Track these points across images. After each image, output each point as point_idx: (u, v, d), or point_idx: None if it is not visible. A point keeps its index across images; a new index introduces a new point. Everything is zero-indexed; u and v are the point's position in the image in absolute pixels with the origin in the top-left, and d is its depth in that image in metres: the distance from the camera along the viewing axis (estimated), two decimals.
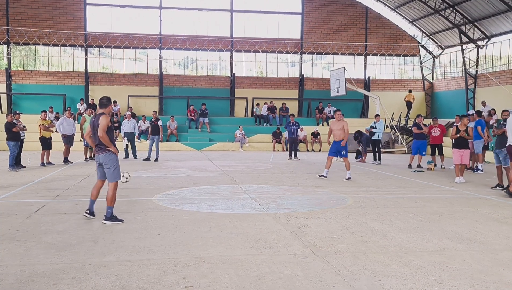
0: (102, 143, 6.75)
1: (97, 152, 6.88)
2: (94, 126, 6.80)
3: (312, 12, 28.32)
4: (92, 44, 26.31)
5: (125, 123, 17.51)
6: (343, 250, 5.40)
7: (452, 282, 4.39)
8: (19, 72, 26.40)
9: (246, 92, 27.73)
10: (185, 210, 7.72)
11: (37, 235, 5.92)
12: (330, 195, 9.52)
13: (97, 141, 6.80)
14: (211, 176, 12.54)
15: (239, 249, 5.43)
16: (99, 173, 6.99)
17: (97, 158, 6.89)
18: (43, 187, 10.09)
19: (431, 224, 6.79)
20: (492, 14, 23.58)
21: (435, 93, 30.00)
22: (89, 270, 4.59)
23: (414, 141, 15.77)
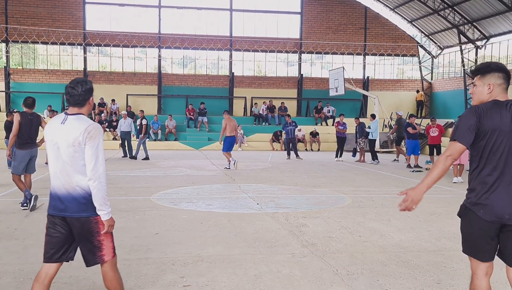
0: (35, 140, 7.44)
1: (31, 147, 7.57)
2: (32, 124, 7.64)
3: (311, 12, 28.32)
4: (91, 42, 26.28)
5: (122, 122, 17.51)
6: (341, 250, 5.40)
7: (450, 282, 4.40)
8: (18, 71, 26.36)
9: (245, 91, 27.72)
10: (183, 209, 7.72)
11: (35, 233, 5.91)
12: (329, 194, 9.52)
13: (32, 137, 7.51)
14: (210, 175, 12.54)
15: (237, 248, 5.43)
16: (28, 167, 7.70)
17: (30, 152, 7.61)
18: (41, 185, 10.07)
19: (429, 224, 6.80)
20: (491, 15, 23.61)
21: (433, 93, 30.03)
22: (87, 269, 4.55)
23: (409, 141, 15.75)
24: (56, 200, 3.08)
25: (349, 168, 15.03)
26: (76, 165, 3.03)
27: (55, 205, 3.09)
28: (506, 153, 2.94)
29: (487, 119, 2.94)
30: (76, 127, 3.02)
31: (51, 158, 3.11)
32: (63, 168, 3.04)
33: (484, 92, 3.04)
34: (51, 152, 3.09)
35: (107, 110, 25.11)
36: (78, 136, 2.99)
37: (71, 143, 3.00)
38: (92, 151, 3.00)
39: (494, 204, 2.93)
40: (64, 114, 3.11)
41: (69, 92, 3.09)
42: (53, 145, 3.07)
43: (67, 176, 3.04)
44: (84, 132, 3.00)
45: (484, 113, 2.94)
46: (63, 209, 3.05)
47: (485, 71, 3.05)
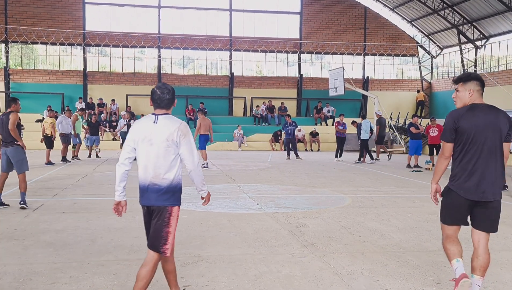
0: (11, 138, 7.47)
1: (5, 146, 7.57)
2: (3, 122, 7.53)
3: (311, 12, 28.33)
4: (90, 43, 26.29)
5: (121, 122, 17.52)
6: (341, 250, 5.40)
7: (450, 282, 4.39)
8: (17, 71, 26.36)
9: (245, 91, 27.73)
10: (183, 209, 7.68)
11: (35, 234, 5.91)
12: (329, 194, 9.52)
13: (5, 136, 7.53)
14: (210, 175, 12.53)
15: (237, 248, 5.43)
16: (4, 166, 7.66)
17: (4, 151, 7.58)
18: (41, 186, 10.07)
19: (429, 224, 6.80)
20: (491, 15, 23.63)
21: (433, 93, 30.04)
22: (87, 269, 4.59)
23: (412, 141, 15.79)
24: (144, 191, 3.47)
25: (349, 168, 15.04)
26: (167, 159, 3.42)
27: (142, 195, 3.50)
28: (481, 145, 3.72)
29: (463, 121, 3.73)
30: (169, 125, 3.41)
31: (142, 153, 3.45)
32: (154, 162, 3.40)
33: (466, 96, 3.82)
34: (143, 147, 3.43)
35: (107, 110, 25.10)
36: (172, 133, 3.39)
37: (165, 138, 3.38)
38: (188, 146, 3.44)
39: (471, 186, 3.74)
40: (153, 115, 3.47)
41: (160, 97, 3.46)
42: (146, 141, 3.41)
43: (158, 169, 3.41)
44: (177, 130, 3.40)
45: (459, 117, 3.75)
46: (148, 198, 3.45)
47: (467, 80, 3.82)
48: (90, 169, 13.62)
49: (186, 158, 3.48)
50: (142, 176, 3.48)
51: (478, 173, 3.73)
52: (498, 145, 3.76)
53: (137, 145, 3.47)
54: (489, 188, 3.74)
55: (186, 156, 3.47)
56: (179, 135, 3.41)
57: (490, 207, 3.81)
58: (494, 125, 3.73)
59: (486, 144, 3.72)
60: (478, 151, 3.73)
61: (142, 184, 3.49)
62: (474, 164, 3.75)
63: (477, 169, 3.74)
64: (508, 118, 3.82)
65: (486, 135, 3.72)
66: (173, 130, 3.40)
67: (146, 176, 3.46)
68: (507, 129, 3.79)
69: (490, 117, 3.74)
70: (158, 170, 3.42)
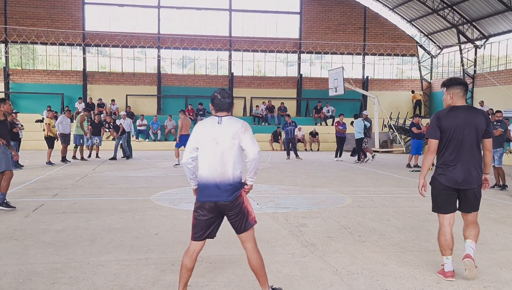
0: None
1: None
2: None
3: (310, 12, 28.33)
4: (90, 43, 26.28)
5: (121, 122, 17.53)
6: (341, 250, 5.40)
7: (450, 281, 4.40)
8: (17, 71, 26.35)
9: (245, 91, 27.72)
10: (183, 209, 7.71)
11: (35, 234, 5.91)
12: (329, 194, 9.52)
13: None
14: None
15: (237, 248, 5.41)
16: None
17: None
18: (41, 186, 10.07)
19: (429, 224, 6.80)
20: (490, 14, 23.63)
21: (433, 93, 30.05)
22: (87, 270, 4.59)
23: (414, 140, 15.79)
24: (210, 188, 3.65)
25: (349, 168, 15.04)
26: (233, 155, 3.68)
27: (208, 192, 3.66)
28: (460, 141, 4.35)
29: (445, 120, 4.38)
30: (234, 125, 3.71)
31: (207, 152, 3.67)
32: (221, 159, 3.65)
33: (447, 99, 4.47)
34: (208, 146, 3.67)
35: (107, 110, 25.08)
36: (238, 130, 3.68)
37: (231, 137, 3.66)
38: (249, 137, 3.73)
39: (452, 175, 4.38)
40: (217, 117, 3.73)
41: (221, 101, 3.74)
42: (211, 140, 3.66)
43: (225, 165, 3.65)
44: (241, 127, 3.71)
45: (442, 117, 4.40)
46: (217, 195, 3.64)
47: (448, 85, 4.47)
48: (90, 169, 13.62)
49: (249, 147, 3.71)
50: (208, 174, 3.67)
51: (457, 165, 4.36)
52: (475, 141, 4.38)
53: (200, 145, 3.70)
54: (468, 178, 4.36)
55: (248, 146, 3.70)
56: (242, 131, 3.69)
57: (470, 194, 4.43)
58: (471, 124, 4.34)
59: (464, 140, 4.33)
60: (457, 146, 4.35)
61: (208, 182, 3.67)
62: (454, 158, 4.37)
63: (457, 162, 4.36)
64: (485, 117, 4.43)
65: (464, 133, 4.33)
66: (237, 129, 3.68)
67: (213, 174, 3.65)
68: (484, 126, 4.37)
69: (469, 117, 4.35)
70: (226, 167, 3.65)
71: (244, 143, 3.71)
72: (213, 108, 3.79)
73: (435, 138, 4.42)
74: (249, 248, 3.83)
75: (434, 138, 4.42)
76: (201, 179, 3.71)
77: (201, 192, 3.71)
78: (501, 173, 10.65)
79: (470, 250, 4.45)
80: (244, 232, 3.80)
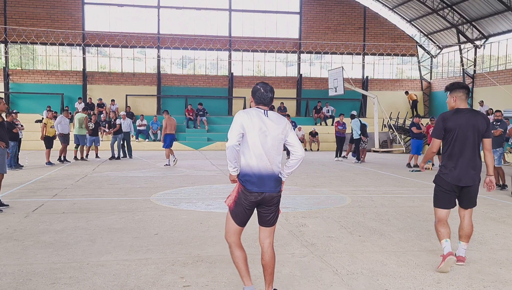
0: None
1: None
2: None
3: (310, 12, 28.33)
4: (90, 43, 26.27)
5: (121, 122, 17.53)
6: (341, 250, 5.40)
7: (450, 281, 4.40)
8: (17, 71, 26.35)
9: (244, 91, 27.69)
10: (183, 209, 7.71)
11: (34, 234, 5.91)
12: (329, 194, 9.52)
13: None
14: (209, 175, 12.54)
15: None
16: None
17: None
18: (40, 186, 10.07)
19: (429, 224, 6.80)
20: (490, 14, 23.64)
21: (433, 92, 30.06)
22: (87, 270, 4.59)
23: (414, 140, 15.78)
24: (259, 178, 3.68)
25: (348, 168, 15.04)
26: (279, 150, 3.77)
27: (256, 182, 3.68)
28: (463, 141, 4.68)
29: (449, 122, 4.73)
30: (280, 120, 3.79)
31: (257, 143, 3.67)
32: (268, 152, 3.69)
33: (451, 102, 4.88)
34: (257, 137, 3.67)
35: (106, 110, 25.09)
36: (285, 127, 3.77)
37: (280, 132, 3.74)
38: (295, 136, 3.85)
39: (456, 173, 4.69)
40: (260, 109, 3.75)
41: (264, 95, 3.76)
42: (260, 132, 3.67)
43: (271, 158, 3.71)
44: (288, 124, 3.82)
45: (447, 118, 4.76)
46: (263, 185, 3.68)
47: (452, 89, 4.91)
48: (90, 169, 13.62)
49: (297, 145, 3.80)
50: (256, 164, 3.67)
51: (461, 164, 4.68)
52: (477, 141, 4.71)
53: (247, 134, 3.67)
54: (470, 176, 4.70)
55: (296, 144, 3.80)
56: (288, 128, 3.79)
57: (471, 190, 4.78)
58: (473, 125, 4.68)
59: (467, 141, 4.67)
60: (461, 146, 4.68)
61: (257, 173, 3.68)
62: (458, 157, 4.69)
63: (460, 160, 4.68)
64: (485, 119, 4.79)
65: (468, 134, 4.67)
66: (284, 125, 3.76)
67: (262, 165, 3.68)
68: (485, 127, 4.72)
69: (471, 119, 4.70)
70: (274, 159, 3.72)
71: (292, 140, 3.80)
72: (253, 100, 3.82)
73: (439, 138, 4.78)
74: (268, 244, 3.84)
75: (438, 138, 4.78)
76: (250, 168, 3.68)
77: (248, 181, 3.69)
78: (501, 173, 10.66)
79: (463, 251, 4.87)
80: (273, 225, 3.87)
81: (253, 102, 3.82)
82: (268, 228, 3.85)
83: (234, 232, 3.79)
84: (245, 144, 3.69)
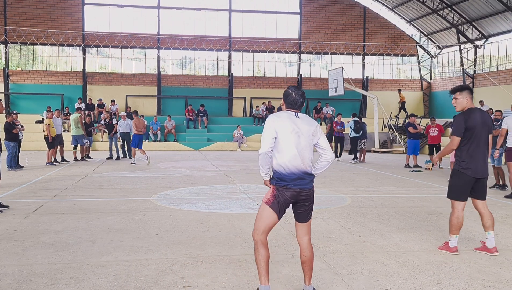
0: None
1: None
2: None
3: (310, 12, 28.34)
4: (90, 43, 26.28)
5: (121, 123, 17.54)
6: (341, 250, 5.40)
7: (450, 281, 4.40)
8: (17, 72, 26.35)
9: (244, 91, 27.74)
10: (183, 210, 7.72)
11: (35, 235, 5.91)
12: (329, 194, 9.52)
13: None
14: (209, 176, 12.54)
15: (237, 249, 5.43)
16: None
17: None
18: (40, 187, 10.07)
19: (429, 224, 6.80)
20: (490, 14, 23.63)
21: (433, 93, 30.05)
22: (87, 270, 4.59)
23: (410, 140, 15.74)
24: (292, 177, 3.81)
25: (348, 168, 15.04)
26: (310, 150, 3.92)
27: (294, 181, 3.82)
28: (479, 138, 5.18)
29: (469, 121, 5.14)
30: (311, 123, 3.95)
31: (290, 143, 3.82)
32: (301, 152, 3.83)
33: (464, 102, 5.26)
34: (291, 138, 3.82)
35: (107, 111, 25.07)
36: (316, 129, 3.94)
37: (312, 133, 3.90)
38: (325, 139, 4.01)
39: (476, 167, 5.18)
40: (291, 111, 3.92)
41: (295, 99, 3.92)
42: (293, 133, 3.82)
43: (304, 158, 3.85)
44: (318, 127, 3.97)
45: (468, 118, 5.15)
46: (300, 183, 3.83)
47: (462, 89, 5.26)
48: (90, 170, 13.62)
49: (327, 148, 3.99)
50: (290, 164, 3.81)
51: (478, 158, 5.17)
52: (487, 137, 5.27)
53: (280, 136, 3.79)
54: (485, 169, 5.26)
55: (327, 147, 3.98)
56: (318, 132, 3.94)
57: (485, 182, 5.33)
58: (485, 123, 5.21)
59: (482, 137, 5.19)
60: (477, 142, 5.17)
61: (292, 171, 3.81)
62: (475, 152, 5.17)
63: (478, 155, 5.17)
64: (490, 117, 5.43)
65: (482, 131, 5.18)
66: (315, 127, 3.93)
67: (296, 164, 3.82)
68: (491, 124, 5.33)
69: (483, 117, 5.21)
70: (307, 159, 3.86)
71: (323, 143, 3.98)
72: (284, 104, 3.97)
73: (460, 136, 5.17)
74: (306, 241, 3.98)
75: (459, 136, 5.17)
76: (283, 168, 3.81)
77: (282, 180, 3.82)
78: (500, 173, 10.66)
79: (493, 241, 5.31)
80: (308, 221, 3.99)
81: (284, 105, 3.97)
82: (305, 224, 3.98)
83: (263, 230, 3.85)
84: (278, 145, 3.82)
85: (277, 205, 3.84)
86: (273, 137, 3.79)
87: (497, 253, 5.22)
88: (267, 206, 3.87)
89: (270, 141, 3.79)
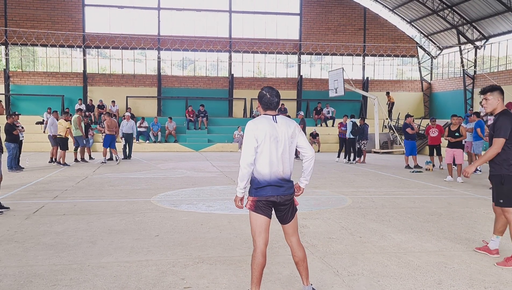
0: None
1: None
2: None
3: (310, 13, 28.35)
4: (90, 45, 26.30)
5: (124, 123, 17.55)
6: (342, 251, 5.40)
7: (451, 282, 4.40)
8: (17, 73, 26.37)
9: (245, 92, 27.74)
10: (183, 211, 7.71)
11: (35, 236, 5.91)
12: (329, 195, 9.52)
13: None
14: (210, 176, 12.53)
15: (238, 249, 5.43)
16: None
17: None
18: (41, 188, 10.07)
19: (429, 225, 6.80)
20: (490, 15, 23.64)
21: (433, 93, 30.05)
22: (88, 271, 4.59)
23: (407, 141, 15.73)
24: (271, 184, 3.72)
25: (349, 169, 15.04)
26: (291, 153, 3.82)
27: (272, 188, 3.73)
28: None
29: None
30: (290, 124, 3.81)
31: (269, 150, 3.70)
32: (282, 157, 3.74)
33: (495, 102, 5.10)
34: (269, 144, 3.70)
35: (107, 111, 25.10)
36: (294, 130, 3.81)
37: (290, 136, 3.78)
38: (304, 138, 3.90)
39: None
40: (269, 116, 3.77)
41: (270, 100, 3.76)
42: (272, 139, 3.70)
43: (284, 163, 3.76)
44: (297, 127, 3.85)
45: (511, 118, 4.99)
46: (276, 190, 3.73)
47: (493, 90, 5.13)
48: (90, 171, 13.63)
49: (306, 146, 3.88)
50: (269, 172, 3.70)
51: None
52: None
53: (260, 142, 3.68)
54: None
55: (305, 145, 3.88)
56: (297, 131, 3.84)
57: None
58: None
59: None
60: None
61: (268, 179, 3.71)
62: None
63: None
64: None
65: None
66: (293, 128, 3.80)
67: (274, 170, 3.71)
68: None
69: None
70: (286, 164, 3.77)
71: (302, 142, 3.87)
72: (260, 106, 3.82)
73: (506, 137, 4.96)
74: (295, 241, 3.92)
75: (506, 137, 4.96)
76: (262, 176, 3.71)
77: (261, 189, 3.72)
78: None
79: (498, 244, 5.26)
80: (291, 220, 3.89)
81: (261, 107, 3.81)
82: (290, 225, 3.90)
83: (260, 230, 3.77)
84: (259, 153, 3.69)
85: (259, 209, 3.75)
86: (254, 146, 3.65)
87: (498, 255, 5.18)
88: (251, 211, 3.79)
89: (252, 152, 3.65)
